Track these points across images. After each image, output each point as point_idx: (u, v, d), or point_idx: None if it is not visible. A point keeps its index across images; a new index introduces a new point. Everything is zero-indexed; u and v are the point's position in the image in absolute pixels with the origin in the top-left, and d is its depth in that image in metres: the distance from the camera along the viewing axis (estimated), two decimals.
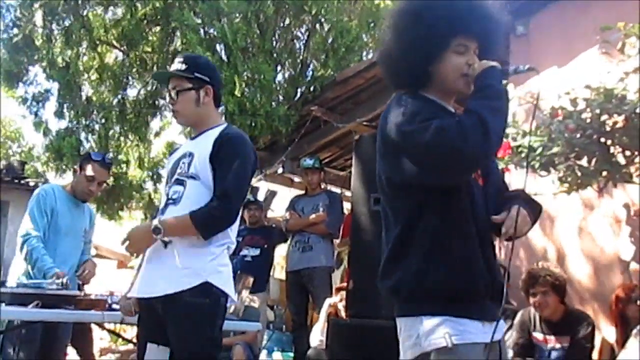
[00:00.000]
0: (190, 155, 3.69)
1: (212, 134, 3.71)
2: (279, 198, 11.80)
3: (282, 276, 9.34)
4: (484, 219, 2.61)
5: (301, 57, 10.96)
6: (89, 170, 5.17)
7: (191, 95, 3.74)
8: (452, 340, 2.43)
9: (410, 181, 2.55)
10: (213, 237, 3.57)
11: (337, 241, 8.53)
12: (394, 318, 2.66)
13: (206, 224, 3.53)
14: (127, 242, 3.58)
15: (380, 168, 2.69)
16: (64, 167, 10.98)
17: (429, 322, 2.49)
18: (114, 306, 4.21)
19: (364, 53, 11.10)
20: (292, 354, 8.38)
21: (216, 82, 3.85)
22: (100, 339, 9.65)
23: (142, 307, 3.68)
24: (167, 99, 3.79)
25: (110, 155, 5.50)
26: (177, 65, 3.76)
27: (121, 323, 4.39)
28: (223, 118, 11.29)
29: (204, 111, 3.79)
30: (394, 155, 2.58)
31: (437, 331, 2.46)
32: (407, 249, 2.56)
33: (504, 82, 2.62)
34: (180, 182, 3.65)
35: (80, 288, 4.99)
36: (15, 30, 11.28)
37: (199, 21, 9.73)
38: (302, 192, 8.83)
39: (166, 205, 3.65)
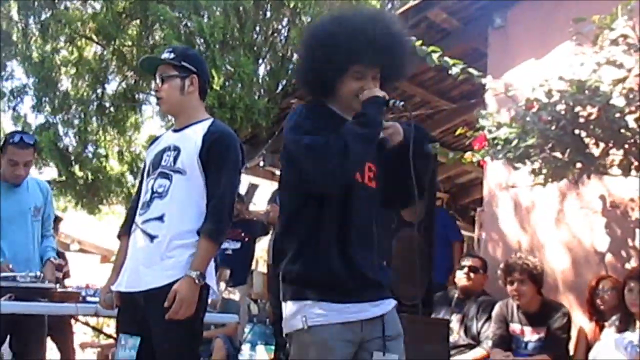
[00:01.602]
0: (176, 149, 3.69)
1: (199, 129, 3.72)
2: (260, 191, 11.80)
3: (266, 270, 9.34)
4: (365, 219, 2.90)
5: (282, 51, 10.94)
6: (10, 154, 4.92)
7: (176, 82, 3.75)
8: (307, 323, 2.75)
9: (291, 179, 2.94)
10: (196, 233, 3.59)
11: None
12: None
13: (218, 235, 3.60)
14: (183, 308, 3.42)
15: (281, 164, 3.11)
16: (42, 162, 10.91)
17: (291, 307, 2.83)
18: (89, 299, 4.20)
19: None
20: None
21: (203, 73, 3.86)
22: (83, 333, 9.64)
23: (124, 301, 3.66)
24: (153, 85, 3.84)
25: (34, 137, 5.36)
26: (166, 54, 3.81)
27: (95, 316, 4.39)
28: None
29: (188, 101, 3.79)
30: (282, 156, 3.04)
31: (296, 315, 2.79)
32: (286, 241, 2.91)
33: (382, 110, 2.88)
34: (165, 176, 3.65)
35: (58, 281, 4.96)
36: None
37: (177, 15, 9.68)
38: None
39: (152, 199, 3.64)
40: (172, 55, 3.77)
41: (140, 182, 3.88)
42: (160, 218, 3.60)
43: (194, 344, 3.62)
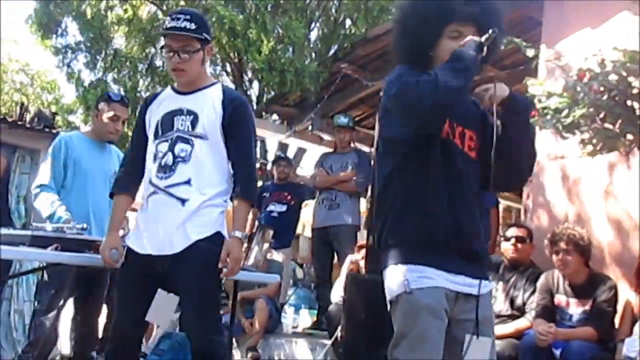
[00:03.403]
0: (190, 113, 3.78)
1: (213, 94, 3.84)
2: (308, 155, 11.84)
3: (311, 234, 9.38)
4: (466, 187, 2.84)
5: (334, 15, 10.91)
6: (112, 111, 5.17)
7: (200, 55, 3.80)
8: (410, 286, 2.68)
9: (390, 135, 2.88)
10: (223, 194, 3.80)
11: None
12: None
13: (253, 196, 3.92)
14: (237, 266, 3.70)
15: (379, 124, 3.05)
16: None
17: (393, 272, 2.76)
18: None
19: None
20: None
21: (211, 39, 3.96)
22: None
23: (141, 262, 3.73)
24: (169, 54, 3.77)
25: None
26: (186, 23, 3.72)
27: None
28: (250, 74, 11.35)
29: (203, 69, 3.90)
30: (384, 110, 2.92)
31: (398, 279, 2.72)
32: (384, 205, 2.86)
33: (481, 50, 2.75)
34: (185, 141, 3.74)
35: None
36: None
37: None
38: (331, 149, 8.83)
39: (175, 162, 3.73)
40: (194, 26, 3.73)
41: (137, 139, 3.93)
42: (188, 182, 3.71)
43: (219, 294, 3.95)
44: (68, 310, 5.24)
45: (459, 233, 2.75)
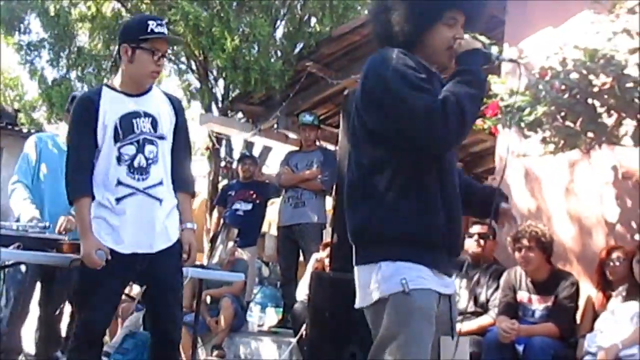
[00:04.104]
0: (148, 115, 3.93)
1: (158, 96, 4.06)
2: (273, 153, 11.82)
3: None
4: (453, 179, 2.77)
5: (299, 14, 10.90)
6: None
7: None
8: (408, 286, 2.55)
9: (384, 132, 2.67)
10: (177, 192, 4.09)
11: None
12: None
13: (194, 189, 4.33)
14: (196, 255, 4.12)
15: (357, 113, 2.76)
16: (56, 117, 11.00)
17: (386, 268, 2.60)
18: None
19: (365, 11, 11.01)
20: None
21: None
22: None
23: (122, 260, 3.80)
24: (154, 57, 3.90)
25: None
26: (167, 30, 3.97)
27: None
28: (215, 72, 11.31)
29: None
30: (374, 104, 2.66)
31: (394, 277, 2.57)
32: (372, 197, 2.67)
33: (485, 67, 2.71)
34: (151, 142, 3.92)
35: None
36: None
37: None
38: (297, 148, 8.83)
39: (148, 165, 3.89)
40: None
41: (88, 141, 3.87)
42: (161, 183, 3.94)
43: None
44: (32, 310, 5.22)
45: (451, 232, 2.68)
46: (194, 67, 11.77)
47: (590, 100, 4.61)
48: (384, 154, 2.66)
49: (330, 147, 9.26)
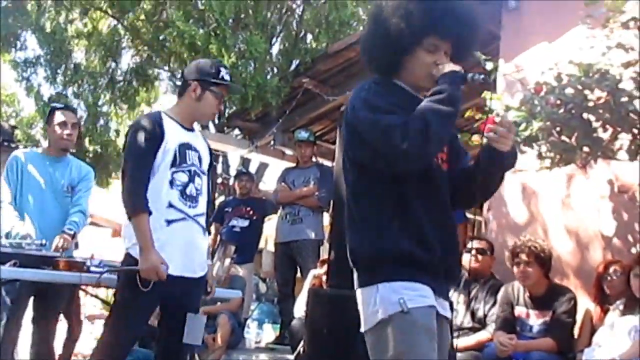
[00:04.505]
0: (196, 151, 4.15)
1: (199, 135, 4.34)
2: (270, 170, 11.82)
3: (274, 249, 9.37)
4: (443, 202, 2.77)
5: (296, 30, 10.94)
6: (59, 117, 5.24)
7: None
8: (406, 305, 2.55)
9: (364, 161, 2.72)
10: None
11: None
12: None
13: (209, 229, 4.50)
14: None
15: (343, 141, 2.85)
16: None
17: (384, 290, 2.60)
18: (93, 269, 4.25)
19: (360, 27, 11.05)
20: None
21: None
22: (93, 306, 9.68)
23: (176, 283, 3.92)
24: (217, 100, 4.20)
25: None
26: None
27: (97, 286, 4.45)
28: None
29: None
30: (349, 133, 2.76)
31: (392, 297, 2.57)
32: (364, 221, 2.70)
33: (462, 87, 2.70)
34: (199, 175, 4.13)
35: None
36: None
37: None
38: (293, 164, 8.83)
39: (197, 195, 4.10)
40: None
41: (150, 159, 3.95)
42: (204, 214, 4.15)
43: None
44: (26, 327, 5.21)
45: (444, 252, 2.67)
46: None
47: (585, 115, 4.62)
48: (368, 180, 2.71)
49: (327, 163, 9.27)
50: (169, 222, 3.95)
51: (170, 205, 3.96)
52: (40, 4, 11.23)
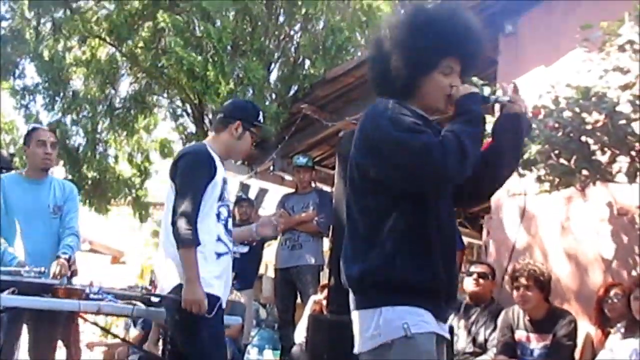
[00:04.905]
0: (226, 184, 4.34)
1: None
2: (269, 196, 11.82)
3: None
4: (449, 234, 2.75)
5: (293, 57, 10.98)
6: (37, 137, 5.21)
7: None
8: (410, 330, 2.53)
9: (385, 180, 2.65)
10: None
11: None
12: None
13: None
14: None
15: (356, 162, 2.75)
16: None
17: (387, 313, 2.57)
18: (92, 296, 4.24)
19: (358, 53, 11.09)
20: None
21: None
22: (92, 333, 9.67)
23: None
24: (251, 140, 4.43)
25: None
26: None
27: (97, 313, 4.45)
28: (211, 116, 11.42)
29: None
30: (373, 153, 2.65)
31: (396, 322, 2.55)
32: (373, 244, 2.64)
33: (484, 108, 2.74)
34: (230, 210, 4.35)
35: (68, 279, 5.02)
36: (4, 23, 11.37)
37: (185, 20, 9.77)
38: (293, 190, 8.83)
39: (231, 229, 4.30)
40: None
41: (200, 191, 4.09)
42: None
43: None
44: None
45: (449, 280, 2.67)
46: (189, 110, 11.82)
47: (583, 138, 4.63)
48: (385, 203, 2.65)
49: (326, 188, 9.26)
50: (219, 255, 4.13)
51: (219, 239, 4.14)
52: (38, 32, 11.28)
